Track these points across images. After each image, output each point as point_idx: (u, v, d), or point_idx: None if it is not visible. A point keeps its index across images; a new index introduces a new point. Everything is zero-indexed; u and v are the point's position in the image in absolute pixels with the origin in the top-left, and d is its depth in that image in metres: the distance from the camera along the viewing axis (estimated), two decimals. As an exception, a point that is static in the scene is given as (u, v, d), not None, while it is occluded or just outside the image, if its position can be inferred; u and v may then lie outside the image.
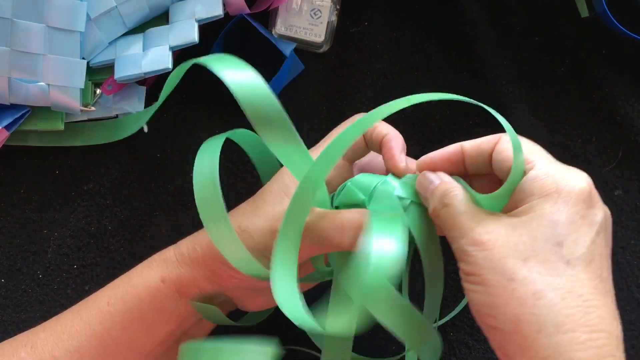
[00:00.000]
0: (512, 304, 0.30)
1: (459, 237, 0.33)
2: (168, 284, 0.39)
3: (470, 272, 0.32)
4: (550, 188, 0.32)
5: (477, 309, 0.32)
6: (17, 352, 0.39)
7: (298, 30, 0.50)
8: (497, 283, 0.31)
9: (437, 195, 0.35)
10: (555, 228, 0.31)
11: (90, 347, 0.39)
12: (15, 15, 0.43)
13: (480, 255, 0.32)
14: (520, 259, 0.31)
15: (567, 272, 0.31)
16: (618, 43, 0.52)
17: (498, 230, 0.32)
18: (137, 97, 0.49)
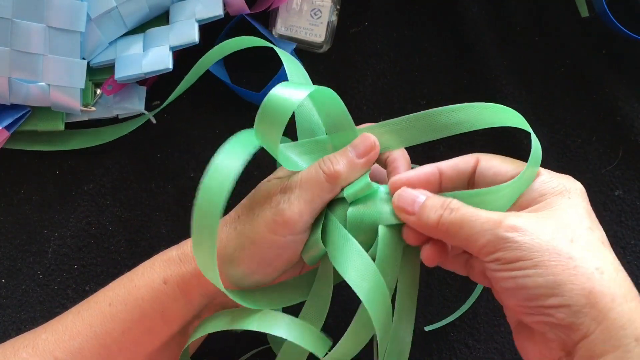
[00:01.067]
0: (581, 279, 0.31)
1: (491, 227, 0.33)
2: (171, 285, 0.39)
3: (518, 258, 0.32)
4: (560, 187, 0.35)
5: (533, 293, 0.32)
6: (19, 352, 0.39)
7: (298, 31, 0.50)
8: (557, 262, 0.32)
9: (437, 205, 0.35)
10: (582, 215, 0.34)
11: (91, 348, 0.39)
12: (16, 16, 0.43)
13: (527, 240, 0.32)
14: (568, 240, 0.32)
15: (606, 250, 0.33)
16: (618, 43, 0.52)
17: (530, 219, 0.33)
18: (138, 97, 0.49)
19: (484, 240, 0.33)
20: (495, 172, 0.36)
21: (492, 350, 0.48)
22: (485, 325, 0.48)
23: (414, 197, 0.36)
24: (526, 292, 0.32)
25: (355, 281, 0.35)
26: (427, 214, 0.35)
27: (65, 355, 0.39)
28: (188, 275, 0.39)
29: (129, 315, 0.39)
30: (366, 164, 0.38)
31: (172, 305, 0.39)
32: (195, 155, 0.51)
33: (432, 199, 0.36)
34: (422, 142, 0.38)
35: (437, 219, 0.35)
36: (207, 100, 0.51)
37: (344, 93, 0.51)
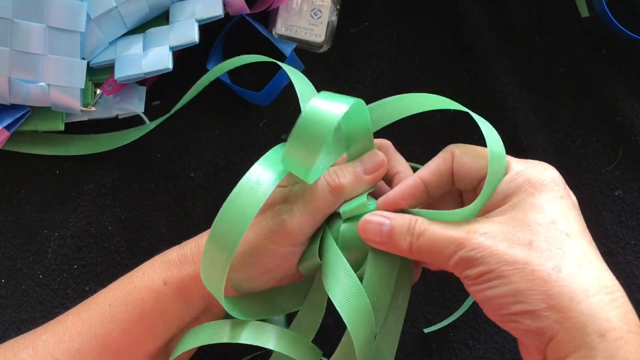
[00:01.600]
0: (537, 283, 0.31)
1: (456, 250, 0.33)
2: (170, 286, 0.39)
3: (481, 273, 0.33)
4: (525, 184, 0.34)
5: (499, 302, 0.32)
6: (19, 353, 0.39)
7: (298, 31, 0.50)
8: (515, 270, 0.32)
9: (403, 232, 0.35)
10: (543, 211, 0.33)
11: (90, 349, 0.39)
12: (16, 16, 0.43)
13: (486, 254, 0.32)
14: (526, 244, 0.32)
15: (570, 243, 0.33)
16: (618, 43, 0.52)
17: (492, 229, 0.33)
18: (138, 97, 0.49)
19: (452, 261, 0.34)
20: (469, 169, 0.36)
21: (492, 350, 0.48)
22: (485, 325, 0.48)
23: (378, 225, 0.36)
24: (494, 302, 0.33)
25: (340, 301, 0.35)
26: (397, 242, 0.36)
27: (64, 356, 0.39)
28: (187, 278, 0.39)
29: (129, 316, 0.39)
30: (372, 180, 0.38)
31: (172, 306, 0.39)
32: (195, 155, 0.51)
33: (397, 223, 0.36)
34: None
35: (408, 246, 0.35)
36: (207, 101, 0.51)
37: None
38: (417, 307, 0.48)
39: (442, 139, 0.51)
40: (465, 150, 0.37)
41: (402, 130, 0.51)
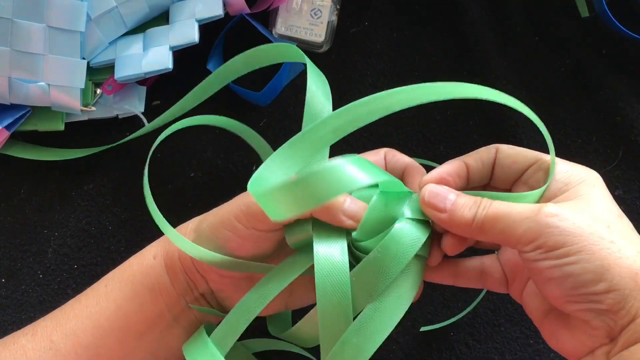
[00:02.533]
0: (627, 262, 0.31)
1: (531, 216, 0.32)
2: (158, 259, 0.40)
3: (560, 244, 0.31)
4: (582, 176, 0.35)
5: (580, 279, 0.31)
6: (18, 340, 0.40)
7: (298, 30, 0.50)
8: (601, 246, 0.31)
9: (469, 203, 0.35)
10: (609, 204, 0.34)
11: (84, 328, 0.39)
12: (16, 15, 0.43)
13: (568, 225, 0.32)
14: (605, 226, 0.32)
15: (637, 238, 0.33)
16: (618, 43, 0.52)
17: (565, 208, 0.33)
18: (138, 97, 0.49)
19: (523, 228, 0.32)
20: (514, 160, 0.36)
21: (492, 350, 0.48)
22: (485, 325, 0.48)
23: (445, 194, 0.35)
24: (573, 280, 0.31)
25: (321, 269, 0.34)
26: (460, 211, 0.35)
27: (60, 337, 0.39)
28: (172, 249, 0.40)
29: (122, 293, 0.40)
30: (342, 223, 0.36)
31: (159, 280, 0.39)
32: (195, 155, 0.51)
33: (463, 197, 0.35)
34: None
35: (472, 216, 0.34)
36: (207, 101, 0.51)
37: (344, 93, 0.52)
38: (417, 307, 0.48)
39: (442, 139, 0.51)
40: (511, 146, 0.37)
41: (402, 130, 0.51)
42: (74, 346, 0.39)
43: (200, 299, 0.40)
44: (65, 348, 0.39)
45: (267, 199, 0.32)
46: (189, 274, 0.40)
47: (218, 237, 0.38)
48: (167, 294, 0.39)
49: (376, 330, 0.34)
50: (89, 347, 0.39)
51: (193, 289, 0.40)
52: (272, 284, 0.37)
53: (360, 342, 0.34)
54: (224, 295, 0.40)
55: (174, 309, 0.40)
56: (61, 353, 0.39)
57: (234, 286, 0.40)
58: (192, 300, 0.40)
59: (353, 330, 0.34)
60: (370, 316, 0.34)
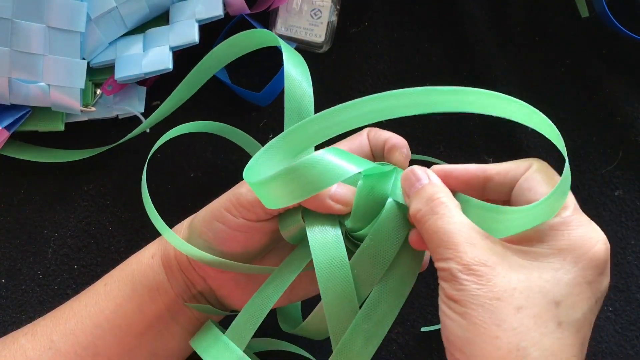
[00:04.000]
0: (493, 351, 0.29)
1: (450, 256, 0.30)
2: (156, 258, 0.40)
3: (454, 299, 0.30)
4: (566, 243, 0.31)
5: (449, 337, 0.31)
6: (18, 339, 0.40)
7: (298, 31, 0.50)
8: (482, 323, 0.29)
9: (424, 197, 0.33)
10: (557, 285, 0.30)
11: (84, 328, 0.39)
12: (16, 16, 0.43)
13: (471, 287, 0.30)
14: (514, 305, 0.29)
15: (556, 334, 0.29)
16: (618, 43, 0.52)
17: (497, 263, 0.30)
18: (138, 97, 0.49)
19: (442, 265, 0.31)
20: (530, 187, 0.33)
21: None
22: (485, 326, 0.48)
23: (416, 179, 0.34)
24: (446, 333, 0.31)
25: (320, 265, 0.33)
26: (413, 202, 0.33)
27: (60, 337, 0.39)
28: (169, 248, 0.40)
29: (121, 292, 0.40)
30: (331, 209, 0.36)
31: (157, 279, 0.39)
32: (195, 155, 0.51)
33: (428, 187, 0.33)
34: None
35: (415, 211, 0.33)
36: (207, 101, 0.51)
37: (344, 93, 0.52)
38: (417, 307, 0.48)
39: (442, 139, 0.51)
40: (542, 168, 0.34)
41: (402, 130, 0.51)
42: (74, 346, 0.39)
43: (198, 297, 0.40)
44: (65, 348, 0.39)
45: (262, 188, 0.33)
46: (186, 272, 0.40)
47: (210, 230, 0.38)
48: (165, 293, 0.40)
49: (384, 314, 0.34)
50: (89, 347, 0.39)
51: (191, 287, 0.40)
52: (274, 285, 0.37)
53: (370, 327, 0.33)
54: (224, 293, 0.40)
55: (172, 307, 0.40)
56: (61, 353, 0.39)
57: (234, 282, 0.40)
58: (189, 298, 0.40)
59: (361, 317, 0.33)
60: (376, 300, 0.34)
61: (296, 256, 0.38)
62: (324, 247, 0.34)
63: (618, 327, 0.47)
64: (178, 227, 0.41)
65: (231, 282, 0.40)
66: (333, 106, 0.36)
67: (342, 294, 0.33)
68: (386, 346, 0.47)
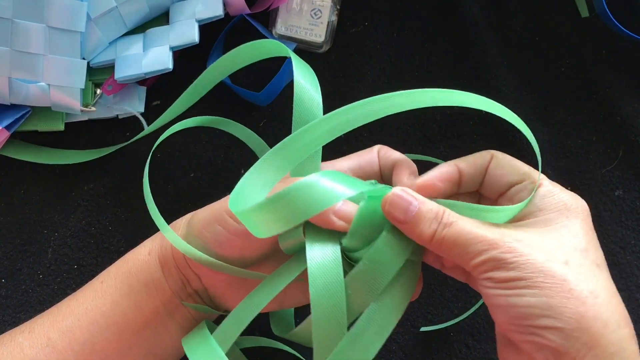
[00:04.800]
0: (574, 302, 0.31)
1: (487, 248, 0.32)
2: (153, 255, 0.40)
3: (513, 278, 0.32)
4: (560, 204, 0.35)
5: (525, 312, 0.32)
6: (15, 337, 0.40)
7: (298, 31, 0.50)
8: (551, 284, 0.31)
9: (429, 217, 0.34)
10: (577, 237, 0.33)
11: (80, 325, 0.39)
12: (16, 16, 0.43)
13: (522, 260, 0.32)
14: (562, 262, 0.32)
15: (601, 274, 0.33)
16: (618, 43, 0.52)
17: (527, 237, 0.33)
18: (138, 97, 0.49)
19: (479, 260, 0.33)
20: (503, 173, 0.37)
21: (492, 350, 0.48)
22: (485, 325, 0.48)
23: (407, 202, 0.34)
24: (517, 311, 0.32)
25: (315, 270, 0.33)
26: (420, 227, 0.34)
27: (57, 334, 0.39)
28: (166, 245, 0.40)
29: (118, 290, 0.40)
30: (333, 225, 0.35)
31: (153, 276, 0.39)
32: (195, 155, 0.51)
33: (425, 207, 0.34)
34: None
35: (431, 233, 0.34)
36: (207, 101, 0.51)
37: (344, 93, 0.52)
38: (417, 307, 0.48)
39: (442, 139, 0.51)
40: (505, 156, 0.38)
41: (402, 130, 0.51)
42: (71, 343, 0.39)
43: (193, 296, 0.40)
44: (62, 345, 0.39)
45: (248, 217, 0.32)
46: (182, 270, 0.40)
47: (208, 231, 0.38)
48: (161, 290, 0.40)
49: (370, 342, 0.33)
50: (86, 344, 0.39)
51: (186, 285, 0.40)
52: (264, 291, 0.37)
53: (354, 355, 0.33)
54: (217, 293, 0.40)
55: (169, 305, 0.40)
56: (58, 350, 0.39)
57: (227, 284, 0.40)
58: (185, 296, 0.40)
59: (347, 342, 0.33)
60: (363, 327, 0.33)
61: (290, 266, 0.37)
62: (322, 268, 0.33)
63: (618, 327, 0.47)
64: (176, 224, 0.41)
65: (224, 283, 0.40)
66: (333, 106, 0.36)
67: (332, 318, 0.33)
68: (386, 346, 0.47)
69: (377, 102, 0.34)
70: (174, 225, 0.41)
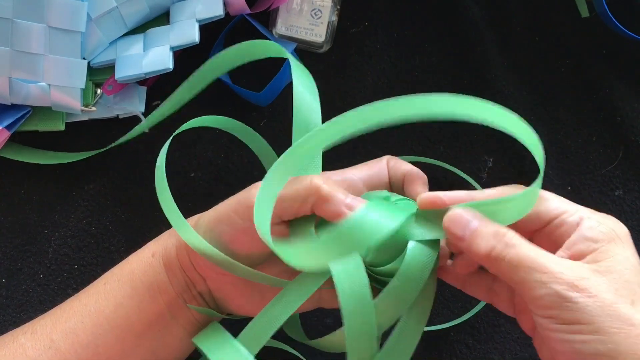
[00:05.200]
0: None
1: (549, 280, 0.31)
2: (157, 257, 0.40)
3: (576, 320, 0.30)
4: (610, 233, 0.33)
5: (584, 358, 0.30)
6: (17, 338, 0.40)
7: (298, 31, 0.50)
8: (618, 330, 0.30)
9: (490, 234, 0.33)
10: (633, 270, 0.32)
11: (84, 327, 0.39)
12: (16, 16, 0.43)
13: (589, 302, 0.30)
14: (629, 302, 0.30)
15: None
16: (618, 43, 0.52)
17: (590, 275, 0.31)
18: (138, 97, 0.49)
19: (541, 292, 0.31)
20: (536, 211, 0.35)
21: (492, 351, 0.48)
22: (485, 325, 0.48)
23: (467, 220, 0.33)
24: (580, 357, 0.30)
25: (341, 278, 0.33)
26: (479, 242, 0.33)
27: (60, 336, 0.39)
28: (170, 246, 0.40)
29: (121, 292, 0.40)
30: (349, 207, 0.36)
31: (157, 278, 0.39)
32: (195, 155, 0.51)
33: (484, 226, 0.33)
34: None
35: (488, 251, 0.33)
36: (207, 101, 0.51)
37: (344, 93, 0.52)
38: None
39: (442, 139, 0.51)
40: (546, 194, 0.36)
41: (402, 130, 0.51)
42: (74, 345, 0.39)
43: (198, 298, 0.40)
44: (65, 347, 0.39)
45: (290, 254, 0.34)
46: (187, 272, 0.40)
47: (214, 231, 0.38)
48: (165, 292, 0.40)
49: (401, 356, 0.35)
50: (89, 346, 0.39)
51: (191, 287, 0.40)
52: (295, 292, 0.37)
53: None
54: (222, 295, 0.40)
55: (172, 307, 0.40)
56: (61, 352, 0.39)
57: (232, 285, 0.40)
58: (189, 299, 0.40)
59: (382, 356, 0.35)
60: (395, 341, 0.35)
61: (308, 275, 0.37)
62: (346, 274, 0.34)
63: (618, 327, 0.47)
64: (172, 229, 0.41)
65: (230, 285, 0.40)
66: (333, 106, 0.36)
67: (364, 327, 0.34)
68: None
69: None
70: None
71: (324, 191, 0.36)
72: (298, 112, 0.40)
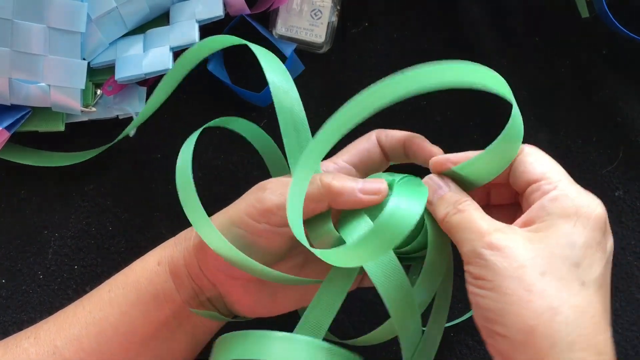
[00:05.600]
0: (528, 314, 0.30)
1: (475, 239, 0.33)
2: (163, 266, 0.40)
3: (481, 276, 0.32)
4: (570, 210, 0.33)
5: (484, 314, 0.32)
6: (21, 343, 0.40)
7: (298, 31, 0.50)
8: (512, 291, 0.31)
9: (450, 201, 0.35)
10: (573, 249, 0.32)
11: (89, 335, 0.39)
12: (16, 16, 0.43)
13: (496, 260, 0.32)
14: (538, 271, 0.31)
15: (582, 292, 0.31)
16: (618, 43, 0.52)
17: (516, 239, 0.32)
18: (138, 98, 0.49)
19: (465, 249, 0.33)
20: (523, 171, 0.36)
21: (493, 351, 0.48)
22: (485, 326, 0.48)
23: (435, 187, 0.37)
24: (480, 312, 0.32)
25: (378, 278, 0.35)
26: (439, 207, 0.36)
27: (64, 343, 0.39)
28: (177, 255, 0.40)
29: (126, 299, 0.39)
30: (365, 201, 0.37)
31: (163, 286, 0.39)
32: (195, 155, 0.50)
33: (451, 194, 0.36)
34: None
35: (443, 216, 0.35)
36: (207, 101, 0.51)
37: (344, 93, 0.51)
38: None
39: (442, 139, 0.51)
40: (533, 154, 0.37)
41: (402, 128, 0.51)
42: (78, 352, 0.39)
43: (206, 304, 0.40)
44: (69, 354, 0.39)
45: (334, 257, 0.34)
46: (196, 279, 0.39)
47: (227, 234, 0.37)
48: (171, 300, 0.39)
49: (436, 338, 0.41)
50: (93, 353, 0.39)
51: (199, 294, 0.40)
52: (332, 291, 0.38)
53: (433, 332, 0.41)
54: (233, 299, 0.40)
55: (178, 314, 0.40)
56: (65, 358, 0.39)
57: (243, 289, 0.40)
58: (197, 305, 0.40)
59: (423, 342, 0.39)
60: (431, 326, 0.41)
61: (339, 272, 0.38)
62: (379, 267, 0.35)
63: (618, 327, 0.47)
64: (188, 232, 0.41)
65: (241, 288, 0.40)
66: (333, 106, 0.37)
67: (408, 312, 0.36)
68: (386, 346, 0.47)
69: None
70: (187, 233, 0.41)
71: (336, 187, 0.37)
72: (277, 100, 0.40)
